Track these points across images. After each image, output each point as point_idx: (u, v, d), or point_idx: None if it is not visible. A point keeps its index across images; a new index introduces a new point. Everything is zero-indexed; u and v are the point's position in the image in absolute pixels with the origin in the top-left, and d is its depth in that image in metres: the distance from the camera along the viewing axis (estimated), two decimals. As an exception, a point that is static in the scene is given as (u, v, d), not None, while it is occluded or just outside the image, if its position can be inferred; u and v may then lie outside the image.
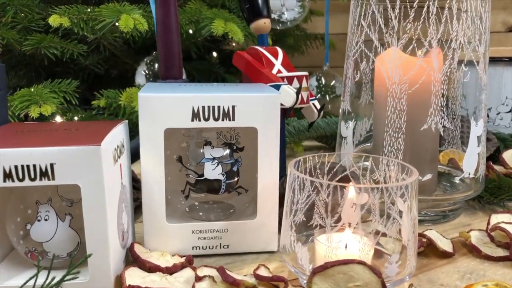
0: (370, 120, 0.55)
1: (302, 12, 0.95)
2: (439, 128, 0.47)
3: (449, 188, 0.54)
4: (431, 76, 0.46)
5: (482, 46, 0.47)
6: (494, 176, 0.60)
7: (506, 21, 1.57)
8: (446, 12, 0.45)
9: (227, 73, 1.04)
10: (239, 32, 0.75)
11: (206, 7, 0.90)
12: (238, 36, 0.74)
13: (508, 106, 0.78)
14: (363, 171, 0.42)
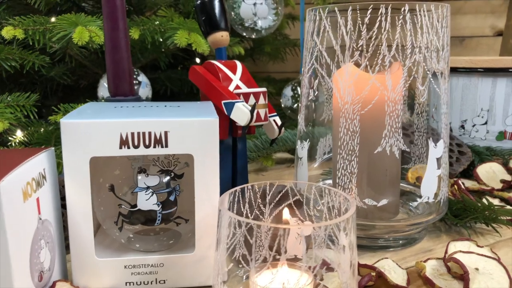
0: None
1: (277, 20, 0.93)
2: (394, 150, 0.44)
3: (414, 210, 0.51)
4: (385, 96, 0.43)
5: (440, 63, 0.44)
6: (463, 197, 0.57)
7: (494, 25, 1.55)
8: (398, 29, 0.42)
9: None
10: (204, 43, 0.72)
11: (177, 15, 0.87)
12: (202, 48, 0.72)
13: (483, 118, 0.75)
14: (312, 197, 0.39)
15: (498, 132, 0.75)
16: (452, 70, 0.78)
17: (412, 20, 0.42)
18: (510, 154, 0.73)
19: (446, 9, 0.45)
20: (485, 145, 0.75)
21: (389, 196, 0.48)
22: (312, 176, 0.56)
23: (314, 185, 0.38)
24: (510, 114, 0.74)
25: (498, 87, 0.73)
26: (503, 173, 0.69)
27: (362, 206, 0.45)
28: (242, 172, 0.60)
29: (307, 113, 0.50)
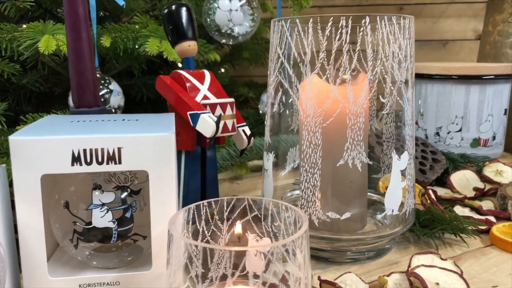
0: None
1: (254, 26, 0.92)
2: (356, 163, 0.44)
3: (382, 221, 0.51)
4: (346, 109, 0.43)
5: (403, 74, 0.44)
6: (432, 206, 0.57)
7: (476, 28, 1.56)
8: (359, 42, 0.41)
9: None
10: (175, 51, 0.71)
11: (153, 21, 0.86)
12: (174, 56, 0.71)
13: (458, 125, 0.75)
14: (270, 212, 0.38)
15: (473, 139, 0.75)
16: (426, 77, 0.78)
17: (373, 32, 0.42)
18: (484, 161, 0.73)
19: (409, 21, 0.45)
20: (460, 152, 0.75)
21: (355, 208, 0.47)
22: (286, 185, 0.55)
23: (272, 200, 0.37)
24: (484, 121, 0.74)
25: (472, 94, 0.73)
26: (476, 180, 0.69)
27: (326, 219, 0.45)
28: (212, 182, 0.60)
29: (272, 124, 0.50)
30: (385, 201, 0.45)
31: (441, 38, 1.63)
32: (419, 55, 1.61)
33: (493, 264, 0.47)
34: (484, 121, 0.74)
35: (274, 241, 0.37)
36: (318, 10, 1.64)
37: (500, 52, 0.89)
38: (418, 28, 1.60)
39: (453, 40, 1.62)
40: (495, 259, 0.48)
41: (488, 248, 0.51)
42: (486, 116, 0.74)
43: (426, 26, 1.62)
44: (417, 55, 1.60)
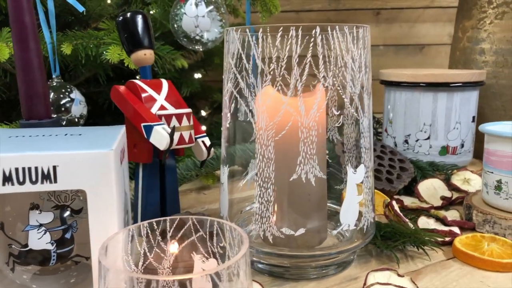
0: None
1: (223, 32, 0.90)
2: (310, 177, 0.42)
3: (343, 233, 0.50)
4: (298, 122, 0.41)
5: (356, 87, 0.43)
6: (395, 219, 0.56)
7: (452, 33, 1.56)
8: (310, 53, 0.40)
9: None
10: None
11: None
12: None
13: (426, 133, 0.74)
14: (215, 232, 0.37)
15: (441, 147, 0.74)
16: (395, 84, 0.77)
17: (325, 42, 0.40)
18: (453, 169, 0.73)
19: (364, 30, 0.43)
20: (428, 160, 0.74)
21: (314, 222, 0.46)
22: (247, 197, 0.54)
23: (216, 220, 0.35)
24: (452, 128, 0.74)
25: (439, 101, 0.73)
26: (444, 189, 0.68)
27: (280, 235, 0.43)
28: (173, 194, 0.58)
29: (227, 135, 0.48)
30: (340, 216, 0.44)
31: (417, 42, 1.63)
32: (396, 59, 1.61)
33: (453, 279, 0.46)
34: (452, 129, 0.73)
35: (219, 264, 0.36)
36: (295, 14, 1.63)
37: (470, 58, 0.89)
38: (395, 32, 1.61)
39: (429, 45, 1.62)
40: (455, 272, 0.48)
41: (450, 261, 0.50)
42: (454, 124, 0.73)
43: (403, 30, 1.63)
44: (394, 59, 1.61)
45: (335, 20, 1.62)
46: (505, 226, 0.55)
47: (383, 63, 1.62)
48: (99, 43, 0.73)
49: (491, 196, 0.58)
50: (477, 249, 0.50)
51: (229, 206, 0.49)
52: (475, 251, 0.49)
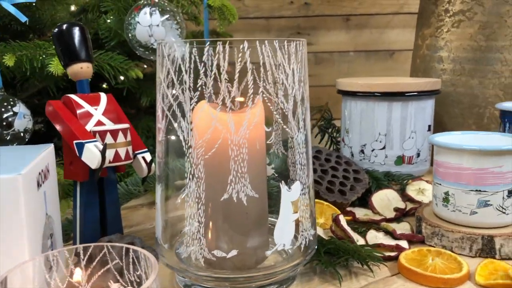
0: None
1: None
2: (241, 197, 0.41)
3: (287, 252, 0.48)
4: (228, 139, 0.40)
5: (289, 103, 0.42)
6: (341, 234, 0.54)
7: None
8: (238, 68, 0.39)
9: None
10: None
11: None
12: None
13: (381, 142, 0.73)
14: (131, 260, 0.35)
15: (396, 156, 0.74)
16: (351, 94, 0.76)
17: (254, 57, 0.39)
18: (409, 179, 0.72)
19: (298, 45, 0.42)
20: (384, 170, 0.74)
21: (253, 241, 0.44)
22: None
23: (132, 247, 0.34)
24: (407, 138, 0.73)
25: (394, 111, 0.72)
26: (398, 200, 0.67)
27: (211, 258, 0.42)
28: (113, 212, 0.56)
29: (161, 151, 0.46)
30: (274, 235, 0.42)
31: (388, 48, 1.64)
32: (366, 65, 1.61)
33: (394, 296, 0.45)
34: (408, 138, 0.73)
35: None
36: (265, 21, 1.62)
37: (429, 66, 0.89)
38: (365, 38, 1.61)
39: (399, 50, 1.63)
40: (397, 290, 0.46)
41: (394, 278, 0.49)
42: (409, 133, 0.73)
43: (373, 36, 1.63)
44: (365, 66, 1.61)
45: (305, 26, 1.62)
46: (452, 239, 0.54)
47: (353, 70, 1.62)
48: (45, 53, 0.70)
49: (440, 208, 0.57)
50: (420, 264, 0.49)
51: (165, 227, 0.47)
52: (419, 266, 0.48)
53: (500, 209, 0.53)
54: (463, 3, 0.83)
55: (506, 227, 0.54)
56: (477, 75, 0.84)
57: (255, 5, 1.64)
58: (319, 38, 1.64)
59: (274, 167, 0.49)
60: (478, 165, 0.53)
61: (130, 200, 0.69)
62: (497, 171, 0.52)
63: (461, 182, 0.54)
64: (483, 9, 0.82)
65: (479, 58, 0.83)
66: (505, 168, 0.52)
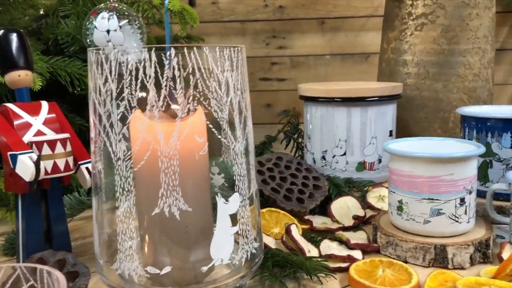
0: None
1: (143, 45, 0.87)
2: (173, 211, 0.39)
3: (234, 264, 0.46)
4: (157, 151, 0.38)
5: (224, 112, 0.40)
6: (292, 245, 0.53)
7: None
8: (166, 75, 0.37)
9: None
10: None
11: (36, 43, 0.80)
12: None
13: (342, 148, 0.72)
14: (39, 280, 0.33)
15: (358, 163, 0.73)
16: (312, 99, 0.75)
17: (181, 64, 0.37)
18: (369, 186, 0.71)
19: (233, 51, 0.40)
20: (346, 177, 0.72)
21: (194, 255, 0.42)
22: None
23: (46, 268, 0.32)
24: (367, 144, 0.72)
25: (353, 116, 0.71)
26: (357, 208, 0.66)
27: (145, 275, 0.40)
28: (58, 224, 0.53)
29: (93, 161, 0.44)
30: (211, 250, 0.41)
31: (363, 51, 1.63)
32: (342, 68, 1.61)
33: (340, 311, 0.44)
34: (368, 144, 0.71)
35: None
36: (240, 24, 1.61)
37: (394, 70, 0.88)
38: (340, 42, 1.60)
39: (374, 53, 1.62)
40: (345, 303, 0.45)
41: (343, 290, 0.48)
42: (370, 139, 0.71)
43: (348, 39, 1.63)
44: (341, 69, 1.61)
45: (280, 30, 1.60)
46: (406, 248, 0.53)
47: (330, 73, 1.61)
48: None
49: (395, 216, 0.56)
50: (370, 276, 0.48)
51: (103, 242, 0.45)
52: (368, 278, 0.47)
53: (453, 217, 0.52)
54: (426, 6, 0.83)
55: (459, 236, 0.53)
56: (441, 79, 0.83)
57: (230, 8, 1.62)
58: (294, 41, 1.63)
59: (224, 177, 0.48)
60: (430, 172, 0.51)
61: (84, 211, 0.67)
62: (449, 179, 0.51)
63: (414, 190, 0.53)
64: (445, 12, 0.81)
65: (443, 61, 0.83)
66: (457, 176, 0.51)
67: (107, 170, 0.43)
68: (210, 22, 1.62)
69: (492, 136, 0.64)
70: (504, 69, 1.54)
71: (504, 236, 0.59)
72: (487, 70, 0.85)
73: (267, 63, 1.61)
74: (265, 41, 1.61)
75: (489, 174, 0.65)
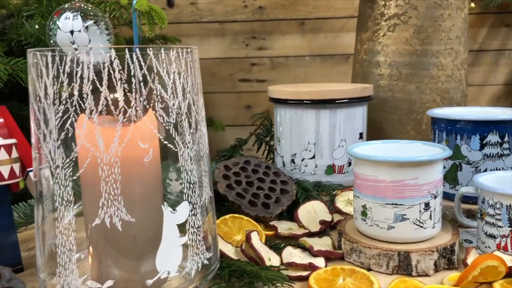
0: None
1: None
2: (115, 222, 0.37)
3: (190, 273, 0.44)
4: (97, 158, 0.36)
5: (171, 116, 0.38)
6: (251, 253, 0.51)
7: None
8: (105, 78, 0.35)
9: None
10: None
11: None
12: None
13: (311, 151, 0.70)
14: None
15: (327, 166, 0.71)
16: (281, 101, 0.73)
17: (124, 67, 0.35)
18: (339, 189, 0.69)
19: (185, 52, 0.39)
20: (315, 180, 0.71)
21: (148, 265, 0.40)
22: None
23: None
24: (336, 147, 0.70)
25: (322, 119, 0.69)
26: (325, 212, 0.64)
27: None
28: (5, 234, 0.51)
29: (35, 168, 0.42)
30: (156, 262, 0.39)
31: (343, 52, 1.62)
32: (322, 70, 1.59)
33: (296, 323, 0.42)
34: (337, 147, 0.70)
35: None
36: (219, 25, 1.59)
37: (368, 71, 0.87)
38: (320, 42, 1.59)
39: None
40: (302, 314, 0.43)
41: (302, 300, 0.46)
42: (339, 142, 0.70)
43: (328, 40, 1.62)
44: (321, 70, 1.59)
45: (260, 30, 1.59)
46: (370, 255, 0.51)
47: (310, 74, 1.60)
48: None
49: (359, 222, 0.54)
50: (330, 285, 0.46)
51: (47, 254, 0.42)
52: (328, 287, 0.45)
53: (417, 223, 0.51)
54: (398, 7, 0.81)
55: (424, 242, 0.52)
56: (414, 80, 0.82)
57: (209, 9, 1.60)
58: (274, 42, 1.62)
59: (183, 183, 0.46)
60: (393, 177, 0.50)
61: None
62: (413, 183, 0.50)
63: (377, 195, 0.51)
64: (417, 13, 0.80)
65: (415, 62, 0.82)
66: (421, 180, 0.50)
67: (48, 178, 0.41)
68: (189, 23, 1.60)
69: (461, 138, 0.63)
70: (483, 70, 1.55)
71: (472, 241, 0.58)
72: (460, 71, 0.84)
73: (246, 64, 1.59)
74: (245, 42, 1.60)
75: (459, 177, 0.64)
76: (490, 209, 0.52)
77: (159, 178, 0.42)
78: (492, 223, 0.52)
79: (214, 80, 1.59)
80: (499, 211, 0.51)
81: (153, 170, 0.40)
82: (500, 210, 0.51)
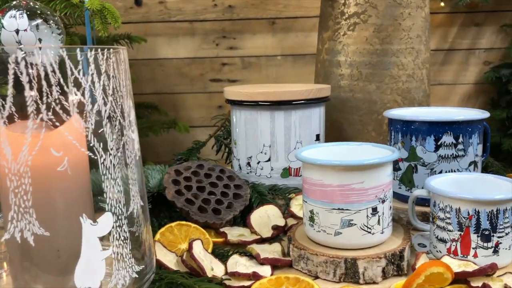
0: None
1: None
2: (27, 236, 0.34)
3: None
4: (5, 168, 0.33)
5: (89, 122, 0.35)
6: (192, 263, 0.49)
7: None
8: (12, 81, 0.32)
9: None
10: None
11: None
12: None
13: (266, 154, 0.68)
14: None
15: (282, 169, 0.69)
16: (236, 103, 0.71)
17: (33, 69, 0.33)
18: (295, 193, 0.67)
19: (105, 53, 0.36)
20: (271, 184, 0.69)
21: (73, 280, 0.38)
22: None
23: None
24: (292, 149, 0.68)
25: (277, 121, 0.67)
26: (278, 217, 0.62)
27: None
28: None
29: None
30: (75, 278, 0.36)
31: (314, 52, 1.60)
32: (294, 69, 1.58)
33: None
34: (293, 149, 0.68)
35: None
36: (189, 24, 1.56)
37: (329, 71, 0.85)
38: (291, 42, 1.58)
39: (326, 54, 1.60)
40: (239, 328, 0.41)
41: (242, 312, 0.44)
42: (295, 144, 0.68)
43: (299, 40, 1.60)
44: (292, 70, 1.58)
45: (230, 30, 1.56)
46: (317, 262, 0.49)
47: (281, 74, 1.58)
48: None
49: (308, 227, 0.52)
50: (271, 296, 0.44)
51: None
52: (268, 299, 0.43)
53: (365, 228, 0.49)
54: (358, 6, 0.80)
55: (373, 248, 0.50)
56: (375, 80, 0.81)
57: (177, 8, 1.57)
58: (245, 41, 1.59)
59: (120, 191, 0.43)
60: (339, 181, 0.48)
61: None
62: (359, 188, 0.48)
63: (324, 200, 0.49)
64: (377, 12, 0.79)
65: (376, 62, 0.80)
66: (368, 184, 0.48)
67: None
68: (157, 22, 1.56)
69: (416, 139, 0.62)
70: (454, 69, 1.55)
71: (426, 244, 0.56)
72: (422, 71, 0.83)
73: (217, 64, 1.57)
74: (215, 42, 1.57)
75: (414, 179, 0.63)
76: (440, 213, 0.51)
77: (85, 188, 0.39)
78: (442, 227, 0.50)
79: (184, 80, 1.56)
80: (449, 215, 0.50)
81: (74, 179, 0.37)
82: (450, 214, 0.49)
